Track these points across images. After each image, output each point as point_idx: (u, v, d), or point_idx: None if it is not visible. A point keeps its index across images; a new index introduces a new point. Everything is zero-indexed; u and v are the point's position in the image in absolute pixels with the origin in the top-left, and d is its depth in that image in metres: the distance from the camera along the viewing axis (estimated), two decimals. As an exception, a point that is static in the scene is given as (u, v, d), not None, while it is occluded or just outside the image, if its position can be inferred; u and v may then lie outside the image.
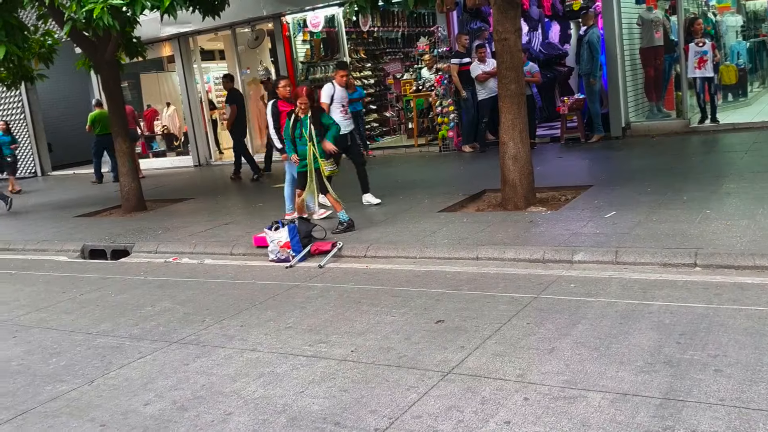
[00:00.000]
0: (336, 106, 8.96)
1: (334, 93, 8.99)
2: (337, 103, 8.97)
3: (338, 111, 8.92)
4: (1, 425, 4.17)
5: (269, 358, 4.71)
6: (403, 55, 17.63)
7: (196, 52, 17.71)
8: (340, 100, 9.01)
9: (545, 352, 4.23)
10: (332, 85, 9.06)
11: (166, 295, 6.67)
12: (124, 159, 11.36)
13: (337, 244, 7.26)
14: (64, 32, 9.98)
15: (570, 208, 7.60)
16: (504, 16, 7.77)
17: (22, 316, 6.51)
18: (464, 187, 9.51)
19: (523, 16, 12.89)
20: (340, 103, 9.00)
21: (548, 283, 5.57)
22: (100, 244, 9.18)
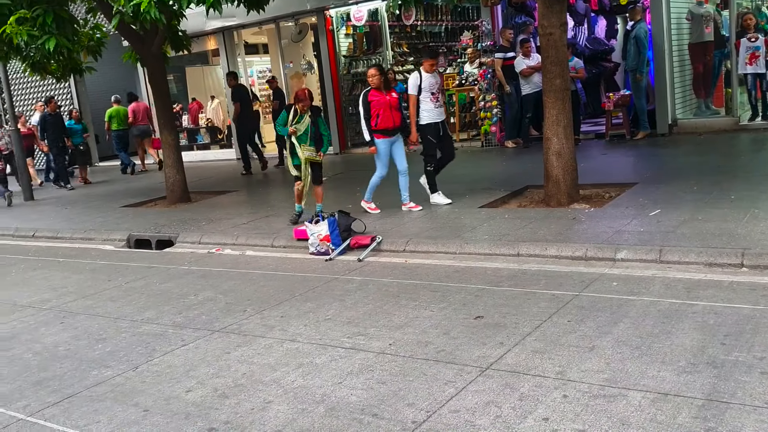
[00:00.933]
0: (425, 95, 8.58)
1: (422, 81, 8.58)
2: (426, 92, 8.58)
3: (428, 99, 8.58)
4: (48, 407, 4.29)
5: (308, 349, 4.75)
6: (446, 49, 17.55)
7: (240, 45, 17.90)
8: (429, 87, 8.59)
9: (585, 350, 4.19)
10: (419, 73, 8.65)
11: (209, 284, 6.77)
12: (169, 151, 11.55)
13: (376, 239, 7.28)
14: (112, 25, 10.19)
15: (614, 206, 7.49)
16: (549, 10, 7.69)
17: (69, 303, 6.69)
18: (506, 183, 9.44)
19: (569, 11, 12.73)
20: (429, 91, 8.59)
21: (590, 280, 5.50)
22: (146, 234, 9.37)
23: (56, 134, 15.65)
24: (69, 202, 13.56)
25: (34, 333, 5.86)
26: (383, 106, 8.32)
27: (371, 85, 8.45)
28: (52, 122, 15.60)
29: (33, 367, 5.04)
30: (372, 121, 8.35)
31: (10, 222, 11.83)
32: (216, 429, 3.76)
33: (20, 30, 9.84)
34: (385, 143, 8.45)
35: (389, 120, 8.37)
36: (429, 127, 8.61)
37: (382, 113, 8.33)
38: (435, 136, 8.62)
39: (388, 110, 8.34)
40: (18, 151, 14.62)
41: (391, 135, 8.47)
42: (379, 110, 8.32)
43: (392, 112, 8.38)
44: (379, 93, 8.37)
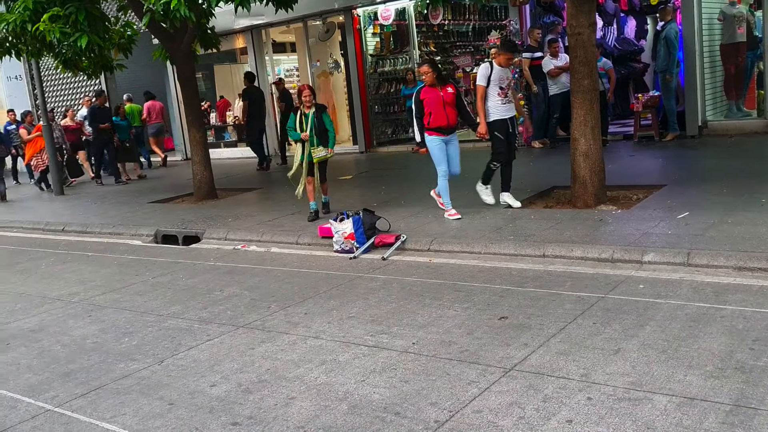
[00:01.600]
0: (493, 89, 8.04)
1: (492, 73, 8.03)
2: (494, 85, 8.04)
3: (495, 94, 8.04)
4: (76, 399, 4.36)
5: (332, 346, 4.77)
6: (473, 49, 17.48)
7: (268, 44, 18.00)
8: (498, 81, 8.05)
9: (611, 353, 4.15)
10: (489, 65, 8.10)
11: (234, 280, 6.83)
12: (197, 148, 11.66)
13: (400, 237, 7.29)
14: (143, 23, 10.31)
15: (641, 208, 7.41)
16: (579, 10, 7.62)
17: (97, 297, 6.78)
18: (533, 183, 9.38)
19: (598, 11, 12.63)
20: (497, 84, 8.05)
21: (616, 283, 5.45)
22: (173, 230, 9.47)
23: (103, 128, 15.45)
24: (98, 197, 13.74)
25: (63, 325, 5.95)
26: (436, 103, 7.88)
27: (424, 82, 8.03)
28: (100, 116, 15.39)
29: (61, 359, 5.12)
30: (425, 119, 7.94)
31: (41, 216, 12.02)
32: (239, 424, 3.79)
33: (53, 27, 9.99)
34: (438, 141, 7.97)
35: (442, 118, 7.90)
36: (495, 123, 8.08)
37: (434, 111, 7.88)
38: (503, 133, 8.09)
39: (441, 107, 7.88)
40: (50, 146, 14.84)
41: (446, 133, 8.00)
42: (431, 108, 7.88)
43: (446, 109, 7.90)
44: (431, 90, 7.92)
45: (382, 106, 16.63)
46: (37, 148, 15.54)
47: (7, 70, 22.01)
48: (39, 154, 15.53)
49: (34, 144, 15.62)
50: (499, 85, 8.06)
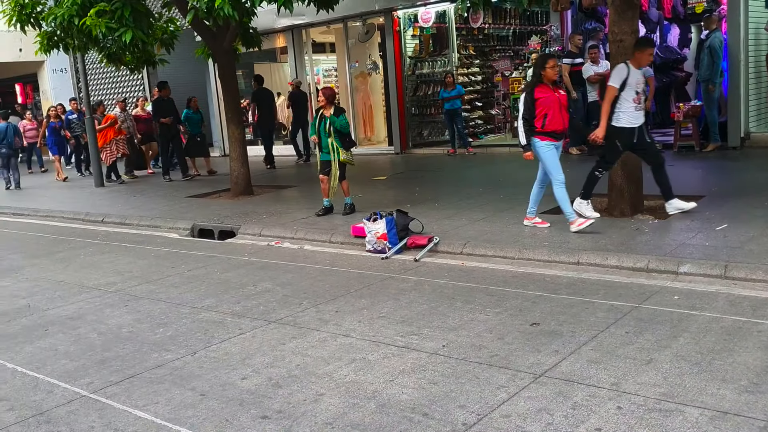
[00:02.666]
0: (628, 93, 7.25)
1: (628, 76, 7.25)
2: (630, 90, 7.25)
3: (630, 99, 7.26)
4: (110, 386, 4.45)
5: (361, 345, 4.80)
6: (513, 53, 17.42)
7: (308, 44, 18.14)
8: (635, 85, 7.26)
9: (643, 363, 4.11)
10: (626, 66, 7.29)
11: (267, 276, 6.90)
12: (235, 145, 11.80)
13: (433, 239, 7.29)
14: (187, 20, 10.47)
15: (678, 218, 7.31)
16: (621, 16, 7.55)
17: (134, 287, 6.91)
18: (568, 191, 9.26)
19: (641, 18, 12.46)
20: (633, 89, 7.25)
21: (651, 293, 5.39)
22: (209, 224, 9.60)
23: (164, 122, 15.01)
24: (138, 190, 13.99)
25: (100, 314, 6.08)
26: (554, 104, 7.19)
27: (546, 78, 7.23)
28: (165, 108, 14.97)
29: (97, 347, 5.23)
30: (538, 121, 7.20)
31: (81, 207, 12.27)
32: (269, 417, 3.84)
33: (99, 22, 10.20)
34: (550, 147, 7.30)
35: (559, 121, 7.25)
36: (623, 132, 7.33)
37: (551, 113, 7.19)
38: (626, 143, 7.38)
39: (558, 110, 7.22)
40: (91, 137, 15.13)
41: (559, 139, 7.43)
42: (548, 109, 7.18)
43: (562, 113, 7.29)
44: (547, 89, 7.23)
45: (419, 108, 16.65)
46: (107, 139, 15.32)
47: (53, 63, 22.52)
48: (109, 145, 15.31)
49: (104, 135, 15.35)
50: (635, 89, 7.30)
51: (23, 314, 6.25)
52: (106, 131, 15.32)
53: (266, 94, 15.92)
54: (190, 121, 15.24)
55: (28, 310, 6.39)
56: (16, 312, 6.34)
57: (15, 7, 11.49)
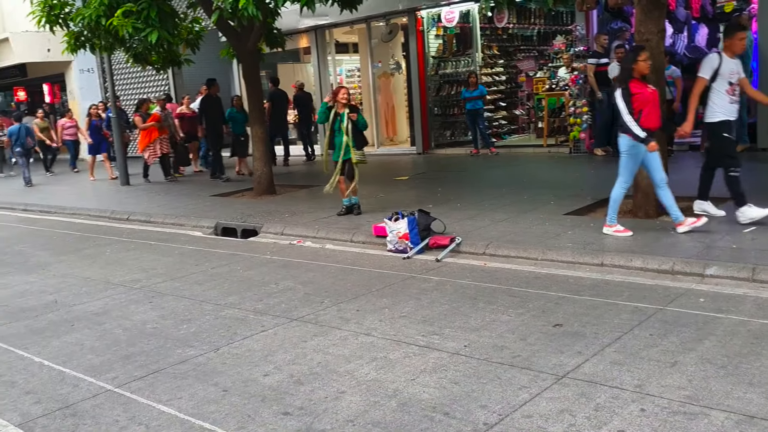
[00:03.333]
0: (721, 84, 6.87)
1: (720, 66, 6.87)
2: (722, 80, 6.85)
3: (724, 91, 6.89)
4: (135, 381, 4.50)
5: (383, 344, 4.80)
6: (537, 53, 17.32)
7: (331, 44, 18.19)
8: (728, 75, 6.85)
9: (667, 365, 4.07)
10: (718, 55, 6.95)
11: (289, 274, 6.93)
12: (258, 144, 11.86)
13: (455, 239, 7.27)
14: (212, 21, 10.55)
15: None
16: (647, 16, 7.48)
17: (158, 284, 6.97)
18: (593, 191, 9.24)
19: (668, 18, 12.31)
20: (727, 79, 6.85)
21: (676, 295, 5.33)
22: (232, 223, 9.66)
23: (213, 120, 14.47)
24: (162, 189, 14.12)
25: (125, 310, 6.15)
26: (649, 101, 6.80)
27: (638, 71, 6.80)
28: (213, 106, 14.41)
29: (122, 342, 5.29)
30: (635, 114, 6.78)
31: (107, 205, 12.42)
32: (290, 414, 3.85)
33: (126, 22, 10.32)
34: (639, 149, 6.82)
35: (655, 119, 6.83)
36: (723, 124, 6.95)
37: (646, 110, 6.77)
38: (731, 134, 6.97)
39: (653, 106, 6.82)
40: (117, 135, 15.29)
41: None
42: (643, 105, 6.76)
43: (656, 110, 6.86)
44: (642, 85, 6.82)
45: (441, 108, 16.63)
46: (152, 138, 15.02)
47: (80, 64, 22.81)
48: (153, 144, 15.02)
49: (148, 134, 15.04)
50: (729, 80, 6.89)
51: (50, 309, 6.34)
52: (151, 130, 15.01)
53: (282, 96, 16.03)
54: (235, 121, 14.51)
55: (55, 305, 6.48)
56: (44, 307, 6.43)
57: (44, 8, 11.67)
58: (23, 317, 6.16)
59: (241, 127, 14.63)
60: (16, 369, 4.90)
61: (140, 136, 15.29)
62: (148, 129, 15.01)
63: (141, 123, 15.08)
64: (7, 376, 4.77)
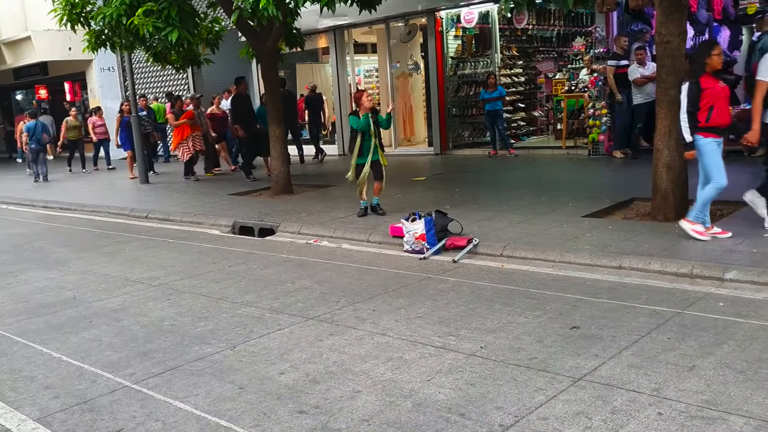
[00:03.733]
0: None
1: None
2: None
3: None
4: (152, 377, 4.53)
5: (398, 344, 4.80)
6: (556, 54, 17.24)
7: (350, 44, 18.22)
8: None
9: (685, 369, 4.03)
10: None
11: (306, 273, 6.95)
12: (276, 144, 11.90)
13: (472, 241, 7.25)
14: (232, 21, 10.60)
15: (725, 224, 7.14)
16: (668, 18, 7.42)
17: (176, 282, 7.02)
18: (612, 194, 9.19)
19: (689, 20, 12.21)
20: None
21: (695, 299, 5.29)
22: (249, 222, 9.71)
23: (244, 118, 14.12)
24: (181, 188, 14.21)
25: (143, 307, 6.19)
26: (720, 96, 6.53)
27: (710, 66, 6.52)
28: (243, 105, 14.13)
29: (140, 339, 5.33)
30: (702, 114, 6.51)
31: (126, 203, 12.53)
32: (306, 412, 3.86)
33: (146, 21, 10.41)
34: (716, 144, 6.59)
35: (726, 115, 6.58)
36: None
37: (717, 105, 6.51)
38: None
39: (724, 102, 6.56)
40: (137, 133, 15.41)
41: (723, 135, 6.76)
42: (714, 101, 6.50)
43: (727, 106, 6.61)
44: (713, 80, 6.56)
45: (459, 108, 16.60)
46: (185, 135, 14.96)
47: (101, 62, 23.01)
48: (185, 141, 14.95)
49: (181, 131, 14.98)
50: None
51: (69, 306, 6.41)
52: (183, 127, 14.94)
53: (289, 96, 15.91)
54: (264, 119, 13.68)
55: (74, 301, 6.54)
56: (63, 303, 6.50)
57: (66, 6, 11.79)
58: (43, 313, 6.23)
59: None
60: (35, 364, 4.95)
61: (173, 133, 15.19)
62: (181, 126, 14.93)
63: (174, 120, 15.00)
64: (27, 371, 4.82)
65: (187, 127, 14.98)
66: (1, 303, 6.67)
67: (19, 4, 24.93)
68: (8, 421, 4.06)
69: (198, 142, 15.16)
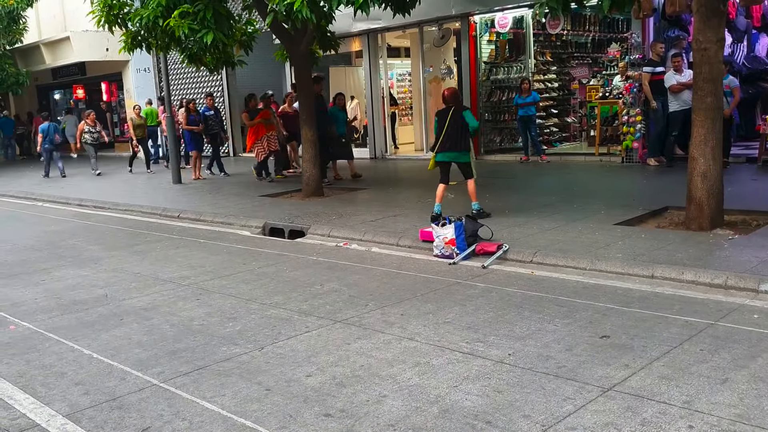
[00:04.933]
0: None
1: None
2: None
3: None
4: (180, 377, 4.57)
5: (426, 349, 4.78)
6: (591, 60, 17.07)
7: (383, 48, 18.23)
8: None
9: (717, 382, 3.95)
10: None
11: (335, 276, 6.96)
12: (308, 146, 11.95)
13: (502, 247, 7.20)
14: (266, 23, 10.67)
15: (761, 235, 7.01)
16: (706, 24, 7.30)
17: (206, 282, 7.08)
18: (645, 202, 9.06)
19: (727, 27, 12.02)
20: None
21: (728, 310, 5.18)
22: (280, 224, 9.75)
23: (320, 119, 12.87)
24: (213, 188, 14.34)
25: (172, 306, 6.26)
26: None
27: None
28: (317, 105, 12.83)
29: (169, 338, 5.39)
30: None
31: (158, 202, 12.68)
32: (332, 416, 3.86)
33: (182, 23, 10.53)
34: None
35: None
36: None
37: None
38: None
39: None
40: (171, 133, 15.57)
41: None
42: None
43: None
44: None
45: (492, 113, 16.51)
46: (260, 134, 14.60)
47: (137, 63, 23.37)
48: (261, 140, 14.58)
49: (256, 131, 14.63)
50: None
51: (101, 303, 6.50)
52: (258, 127, 14.59)
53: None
54: (337, 120, 13.70)
55: (105, 299, 6.64)
56: (95, 301, 6.60)
57: (103, 7, 11.99)
58: (75, 310, 6.32)
59: (343, 126, 13.87)
60: (66, 360, 5.03)
61: (248, 133, 14.88)
62: (256, 126, 14.61)
63: (248, 120, 14.70)
64: (57, 367, 4.90)
65: (262, 127, 14.61)
66: (35, 299, 6.78)
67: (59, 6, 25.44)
68: (38, 416, 4.12)
69: (273, 142, 14.73)
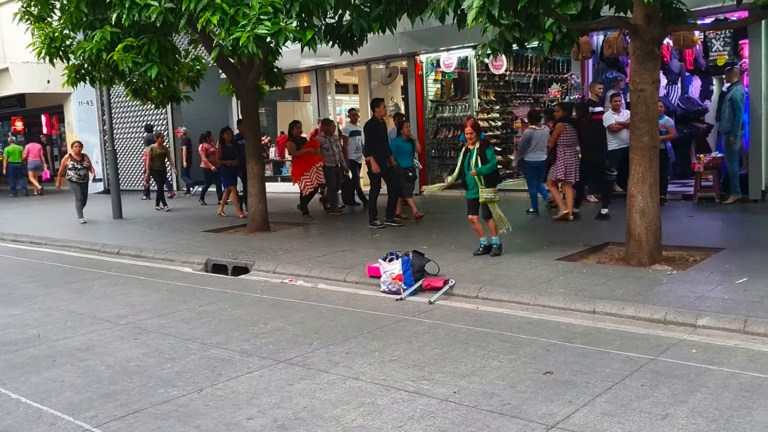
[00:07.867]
0: None
1: None
2: None
3: None
4: (114, 420, 4.39)
5: (371, 389, 4.71)
6: (533, 100, 17.48)
7: (332, 84, 18.35)
8: None
9: (658, 418, 3.99)
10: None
11: (279, 314, 6.85)
12: (254, 181, 11.85)
13: (449, 282, 7.22)
14: (212, 57, 10.62)
15: (698, 270, 7.20)
16: (642, 66, 7.56)
17: (145, 321, 6.88)
18: (586, 237, 9.23)
19: (662, 69, 12.49)
20: None
21: (668, 345, 5.27)
22: (223, 260, 9.59)
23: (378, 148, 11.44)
24: (155, 223, 14.05)
25: (109, 346, 6.04)
26: None
27: None
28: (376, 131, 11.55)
29: (104, 380, 5.18)
30: None
31: (98, 238, 12.34)
32: (272, 459, 3.75)
33: (126, 57, 10.38)
34: None
35: None
36: None
37: None
38: None
39: None
40: (112, 167, 15.27)
41: None
42: None
43: None
44: None
45: (438, 150, 16.71)
46: (308, 166, 13.02)
47: (79, 96, 22.93)
48: (308, 172, 13.01)
49: (304, 161, 13.09)
50: None
51: (32, 344, 6.23)
52: (308, 156, 13.05)
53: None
54: (401, 152, 11.73)
55: (37, 339, 6.37)
56: (26, 341, 6.33)
57: (45, 40, 11.76)
58: (3, 351, 6.05)
59: (408, 159, 11.83)
60: (-6, 404, 4.79)
61: (293, 164, 13.45)
62: (304, 156, 13.05)
63: (294, 150, 13.13)
64: (-16, 412, 4.66)
65: (311, 156, 13.06)
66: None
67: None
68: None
69: (320, 175, 13.10)
